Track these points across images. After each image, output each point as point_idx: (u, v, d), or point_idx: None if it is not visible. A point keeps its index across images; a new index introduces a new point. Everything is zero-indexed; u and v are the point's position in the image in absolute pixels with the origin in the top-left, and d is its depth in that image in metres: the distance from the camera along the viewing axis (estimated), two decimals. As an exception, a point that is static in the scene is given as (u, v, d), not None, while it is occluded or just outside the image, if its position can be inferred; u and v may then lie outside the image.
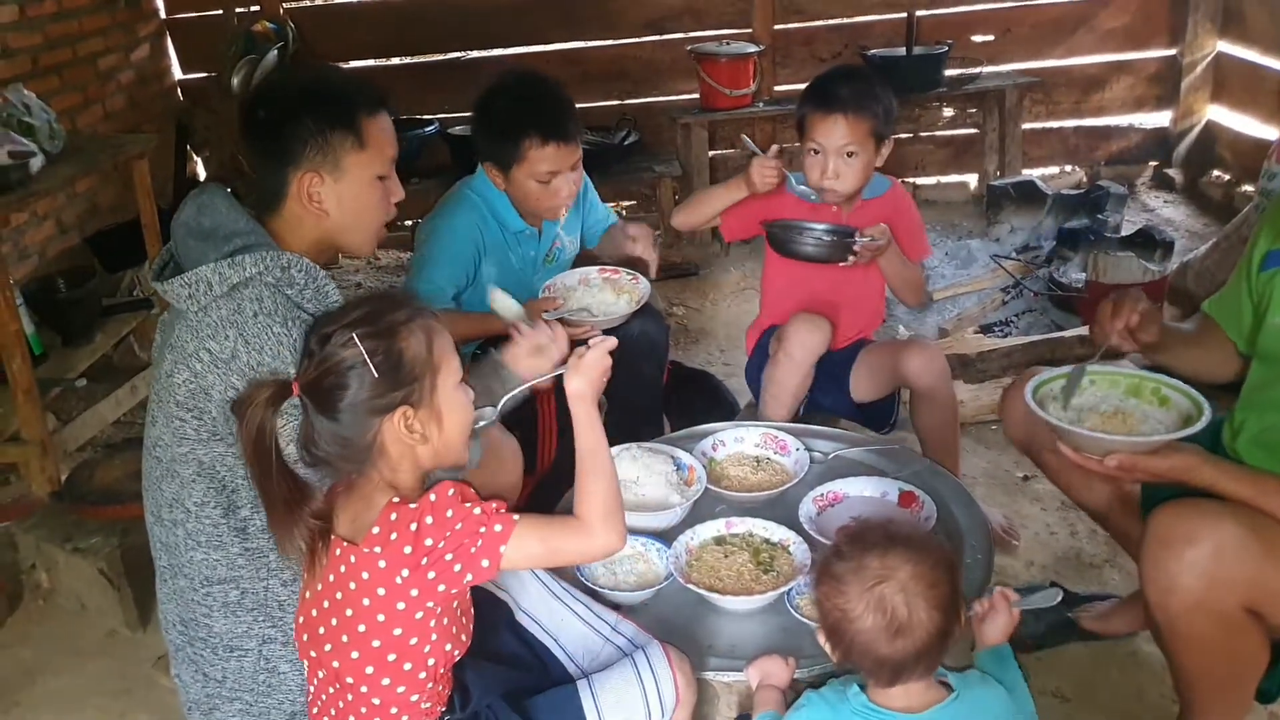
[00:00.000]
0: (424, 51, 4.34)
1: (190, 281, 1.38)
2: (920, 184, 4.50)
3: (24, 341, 2.41)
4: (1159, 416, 1.52)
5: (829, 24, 4.25)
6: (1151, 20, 4.26)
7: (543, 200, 2.15)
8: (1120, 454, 1.42)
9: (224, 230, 1.42)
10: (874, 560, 1.21)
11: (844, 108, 2.06)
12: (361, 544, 1.21)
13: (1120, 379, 1.57)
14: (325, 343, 1.22)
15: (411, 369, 1.23)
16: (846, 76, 2.15)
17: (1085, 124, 4.44)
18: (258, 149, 1.52)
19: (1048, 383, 1.59)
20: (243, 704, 1.45)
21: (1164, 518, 1.40)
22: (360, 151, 1.50)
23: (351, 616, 1.22)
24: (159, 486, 1.44)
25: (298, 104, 1.50)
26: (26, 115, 2.55)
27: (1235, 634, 1.38)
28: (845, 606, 1.21)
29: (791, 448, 1.94)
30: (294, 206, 1.50)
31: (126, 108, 3.91)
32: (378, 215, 1.57)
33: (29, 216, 3.29)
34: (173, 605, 1.48)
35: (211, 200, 1.46)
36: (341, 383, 1.20)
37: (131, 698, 2.02)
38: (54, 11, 3.49)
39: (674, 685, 1.35)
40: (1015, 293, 3.35)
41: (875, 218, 2.19)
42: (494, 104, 2.14)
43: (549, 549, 1.24)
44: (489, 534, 1.19)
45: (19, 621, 2.26)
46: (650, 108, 4.26)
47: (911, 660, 1.20)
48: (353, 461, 1.24)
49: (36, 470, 2.43)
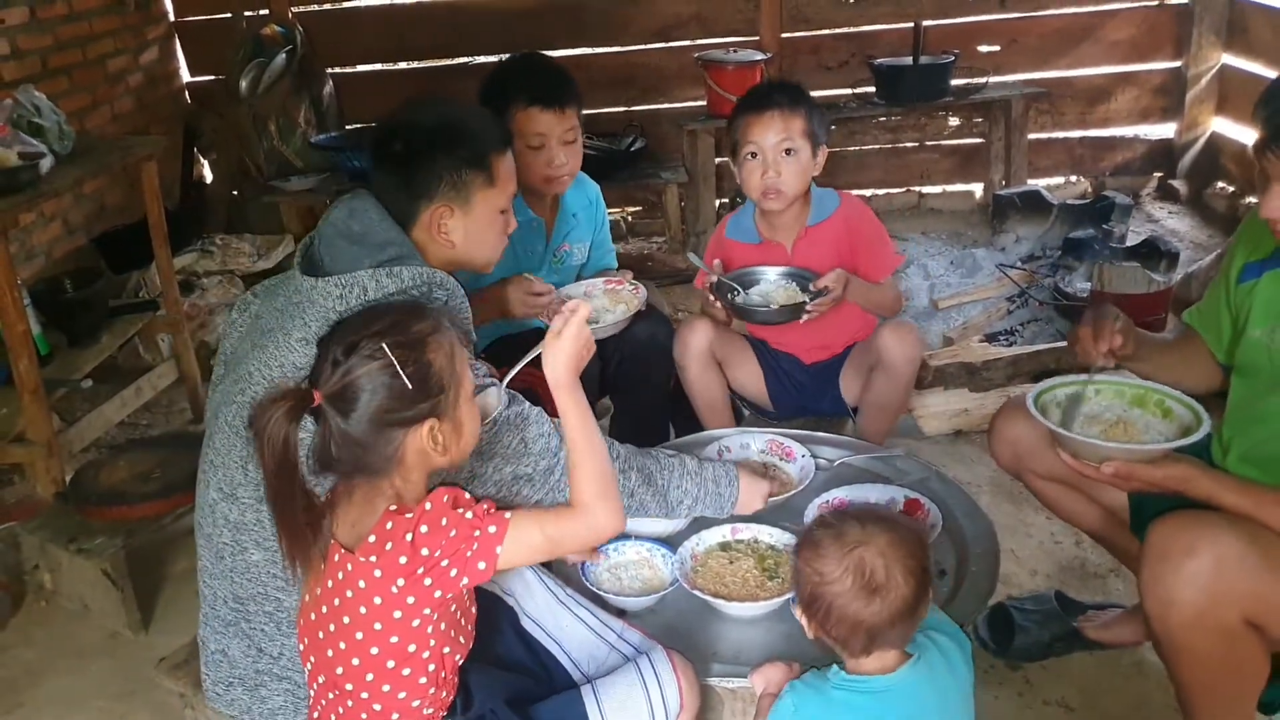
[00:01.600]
0: (431, 56, 4.36)
1: (346, 283, 1.41)
2: (926, 192, 4.51)
3: (31, 342, 2.41)
4: (1161, 428, 1.52)
5: (835, 33, 4.26)
6: (1156, 32, 4.27)
7: (535, 169, 2.16)
8: (1117, 461, 1.43)
9: (376, 238, 1.47)
10: (853, 527, 1.26)
11: (777, 105, 2.09)
12: (358, 553, 1.20)
13: (1126, 389, 1.58)
14: (352, 352, 1.19)
15: (438, 381, 1.22)
16: (776, 84, 2.23)
17: (1090, 135, 4.45)
18: (390, 180, 1.56)
19: (1050, 391, 1.59)
20: (291, 684, 1.46)
21: (1163, 530, 1.39)
22: (490, 189, 1.60)
23: (349, 624, 1.21)
24: (244, 466, 1.43)
25: (436, 141, 1.57)
26: (36, 116, 2.56)
27: (1236, 647, 1.37)
28: (824, 569, 1.24)
29: (797, 454, 1.93)
30: (421, 235, 1.57)
31: (135, 110, 3.93)
32: (497, 245, 1.67)
33: (36, 217, 3.30)
34: (226, 582, 1.47)
35: (363, 206, 1.52)
36: (370, 393, 1.18)
37: (134, 699, 2.02)
38: (64, 14, 3.51)
39: (678, 690, 1.35)
40: (1020, 302, 3.35)
41: (826, 244, 2.19)
42: (494, 74, 2.22)
43: (548, 538, 1.23)
44: (484, 536, 1.19)
45: (22, 622, 2.26)
46: (657, 114, 4.28)
47: (886, 624, 1.23)
48: (367, 470, 1.22)
49: (42, 471, 2.43)
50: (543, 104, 2.11)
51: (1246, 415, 1.56)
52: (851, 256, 2.21)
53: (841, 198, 2.25)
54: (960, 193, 4.48)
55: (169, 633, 2.14)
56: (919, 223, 4.32)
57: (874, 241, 2.23)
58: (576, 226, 2.34)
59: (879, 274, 2.21)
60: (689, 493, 1.64)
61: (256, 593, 1.45)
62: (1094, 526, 1.81)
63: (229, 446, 1.46)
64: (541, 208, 2.26)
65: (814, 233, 2.21)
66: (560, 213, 2.30)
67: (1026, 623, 1.91)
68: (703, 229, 4.11)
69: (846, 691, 1.26)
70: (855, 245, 2.21)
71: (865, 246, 2.22)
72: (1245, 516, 1.39)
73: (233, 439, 1.46)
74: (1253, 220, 1.59)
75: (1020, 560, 2.21)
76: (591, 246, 2.39)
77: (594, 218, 2.39)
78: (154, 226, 2.88)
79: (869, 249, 2.22)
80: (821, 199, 2.23)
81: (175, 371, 3.10)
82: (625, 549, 1.70)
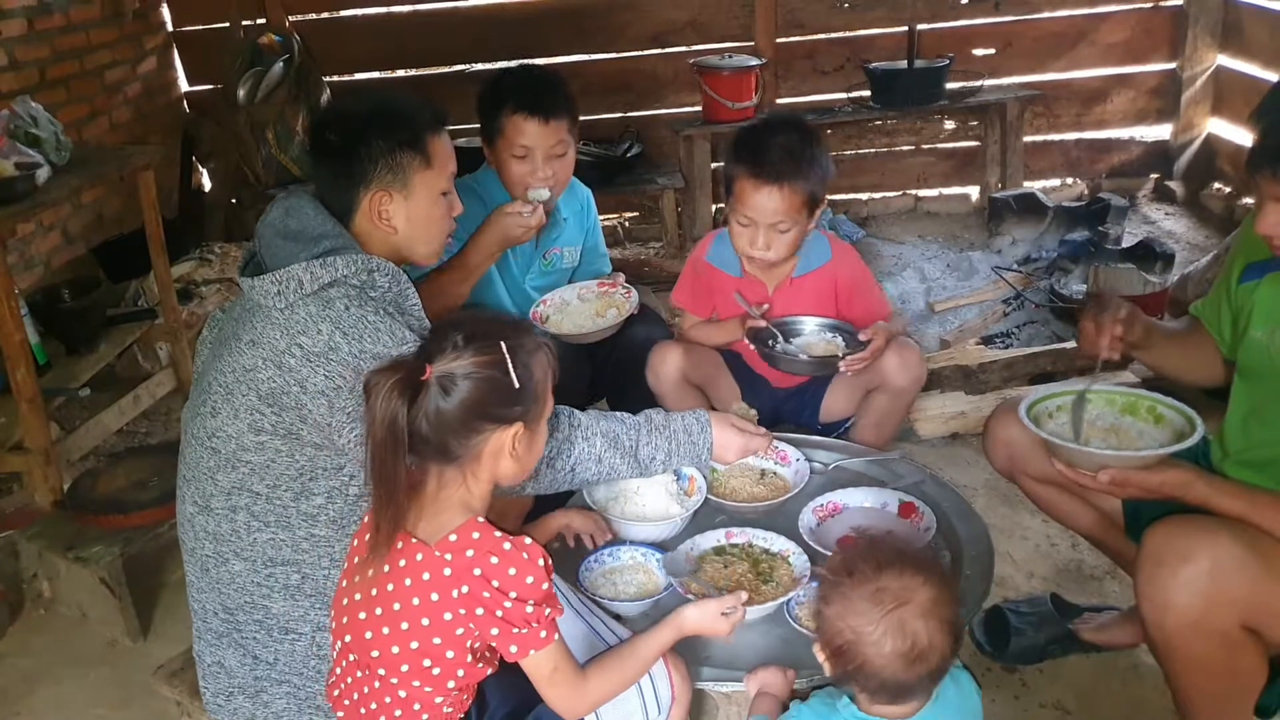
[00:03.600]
0: (428, 64, 4.37)
1: (281, 279, 1.41)
2: (922, 195, 4.52)
3: (28, 351, 2.42)
4: (1153, 434, 1.53)
5: (830, 37, 4.27)
6: (1151, 34, 4.28)
7: (519, 179, 2.17)
8: (1112, 469, 1.43)
9: (312, 232, 1.48)
10: (892, 582, 1.17)
11: (779, 178, 1.92)
12: (434, 545, 1.22)
13: (1117, 397, 1.58)
14: (471, 341, 1.24)
15: (535, 391, 1.28)
16: (780, 136, 1.97)
17: (1086, 137, 4.46)
18: (327, 170, 1.58)
19: (1042, 401, 1.59)
20: (291, 687, 1.47)
21: (1159, 535, 1.39)
22: (427, 170, 1.57)
23: (399, 611, 1.23)
24: (213, 477, 1.44)
25: (367, 125, 1.55)
26: (33, 127, 2.57)
27: (1233, 652, 1.37)
28: (862, 630, 1.16)
29: (792, 458, 1.94)
30: (363, 223, 1.57)
31: (133, 119, 3.94)
32: (442, 228, 1.65)
33: (35, 226, 3.31)
34: (214, 595, 1.48)
35: (299, 204, 1.52)
36: (477, 382, 1.23)
37: (132, 707, 2.02)
38: (62, 24, 3.52)
39: (669, 683, 1.37)
40: (1017, 304, 3.36)
41: (809, 295, 2.12)
42: (491, 81, 2.23)
43: (545, 676, 1.25)
44: (533, 634, 1.22)
45: (20, 630, 2.27)
46: (653, 120, 4.29)
47: (924, 683, 1.19)
48: (446, 456, 1.25)
49: (40, 479, 2.43)
50: (529, 112, 2.12)
51: (1247, 417, 1.56)
52: (834, 305, 2.16)
53: (833, 250, 2.15)
54: (956, 195, 4.49)
55: (167, 640, 2.15)
56: (915, 226, 4.33)
57: (864, 292, 2.17)
58: (566, 230, 2.35)
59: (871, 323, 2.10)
60: (660, 448, 1.65)
61: (244, 602, 1.46)
62: (1089, 529, 1.81)
63: (198, 459, 1.47)
64: None
65: (798, 283, 2.13)
66: (551, 217, 2.30)
67: (1022, 625, 1.91)
68: (699, 234, 4.12)
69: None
70: (845, 297, 2.15)
71: (857, 300, 2.16)
72: (1241, 520, 1.39)
73: (199, 451, 1.47)
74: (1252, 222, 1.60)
75: (1016, 563, 2.21)
76: (583, 250, 2.40)
77: (584, 221, 2.39)
78: (151, 235, 2.89)
79: (861, 302, 2.16)
80: (811, 249, 2.12)
81: (173, 380, 3.11)
82: (621, 555, 1.70)
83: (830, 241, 2.20)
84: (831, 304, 2.17)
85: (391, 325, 1.41)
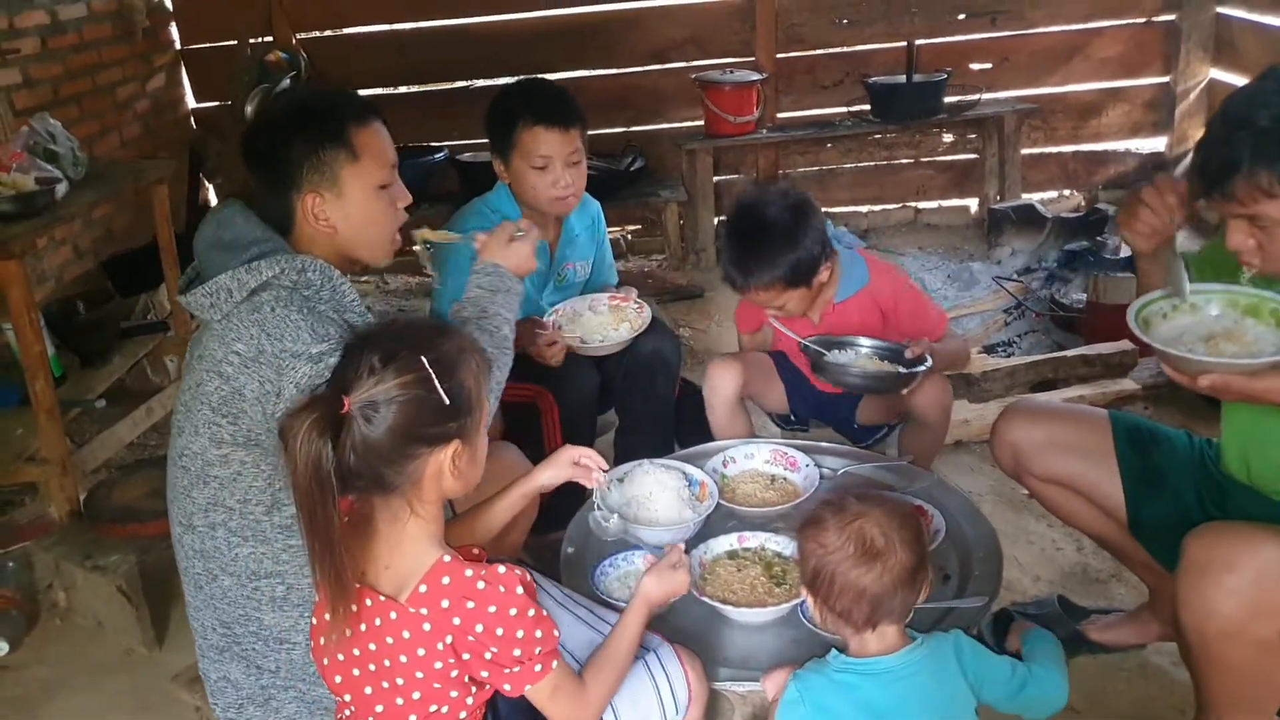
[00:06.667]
0: (433, 80, 4.43)
1: (211, 291, 1.42)
2: (922, 208, 4.57)
3: (47, 363, 2.45)
4: (1270, 338, 1.41)
5: (830, 53, 4.33)
6: (1145, 49, 4.35)
7: (540, 190, 2.18)
8: (1214, 374, 1.34)
9: (242, 240, 1.46)
10: (851, 503, 1.34)
11: (751, 279, 1.99)
12: (406, 602, 1.16)
13: (1239, 299, 1.47)
14: (390, 361, 1.15)
15: (467, 402, 1.20)
16: (750, 238, 1.98)
17: (1083, 149, 4.52)
18: (259, 178, 1.54)
19: (1155, 302, 1.49)
20: (297, 692, 1.48)
21: (1202, 542, 1.39)
22: (355, 164, 1.51)
23: (390, 668, 1.19)
24: (189, 495, 1.47)
25: (287, 128, 1.52)
26: (51, 143, 2.61)
27: (1269, 659, 1.38)
28: (826, 541, 1.31)
29: (801, 464, 1.97)
30: (304, 228, 1.53)
31: (142, 136, 3.99)
32: (386, 224, 1.58)
33: (47, 241, 3.34)
34: (210, 611, 1.50)
35: (230, 215, 1.50)
36: (403, 406, 1.14)
37: (149, 715, 2.04)
38: (75, 43, 3.57)
39: (686, 683, 1.38)
40: (1017, 313, 3.40)
41: (853, 320, 2.13)
42: (501, 96, 2.25)
43: (549, 700, 1.22)
44: (527, 668, 1.19)
45: (36, 640, 2.28)
46: (656, 135, 4.34)
47: (888, 592, 1.28)
48: (383, 487, 1.18)
49: (56, 489, 2.45)
50: (548, 123, 2.13)
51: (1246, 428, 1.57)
52: (881, 325, 2.15)
53: (870, 272, 2.14)
54: (955, 208, 4.54)
55: (183, 649, 2.15)
56: (915, 238, 4.38)
57: (915, 309, 2.16)
58: (579, 245, 2.38)
59: (926, 336, 2.09)
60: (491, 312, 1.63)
61: (239, 615, 1.47)
62: (1093, 528, 1.83)
63: (175, 478, 1.49)
64: (545, 229, 2.30)
65: (841, 308, 2.14)
66: (564, 233, 2.34)
67: (1030, 627, 1.94)
68: (702, 246, 4.17)
69: (849, 673, 1.30)
70: (892, 318, 2.14)
71: (905, 318, 2.14)
72: None
73: (175, 470, 1.49)
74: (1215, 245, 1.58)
75: (1023, 567, 2.24)
76: (594, 263, 2.43)
77: (595, 235, 2.43)
78: (164, 249, 2.92)
79: (910, 319, 2.14)
80: (850, 271, 2.13)
81: (184, 393, 3.13)
82: (635, 559, 1.73)
83: (869, 263, 2.17)
84: (878, 325, 2.14)
85: (314, 323, 1.38)
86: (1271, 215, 1.31)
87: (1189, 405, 2.68)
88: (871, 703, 1.30)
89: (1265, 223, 1.33)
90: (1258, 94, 1.32)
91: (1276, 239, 1.33)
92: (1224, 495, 1.62)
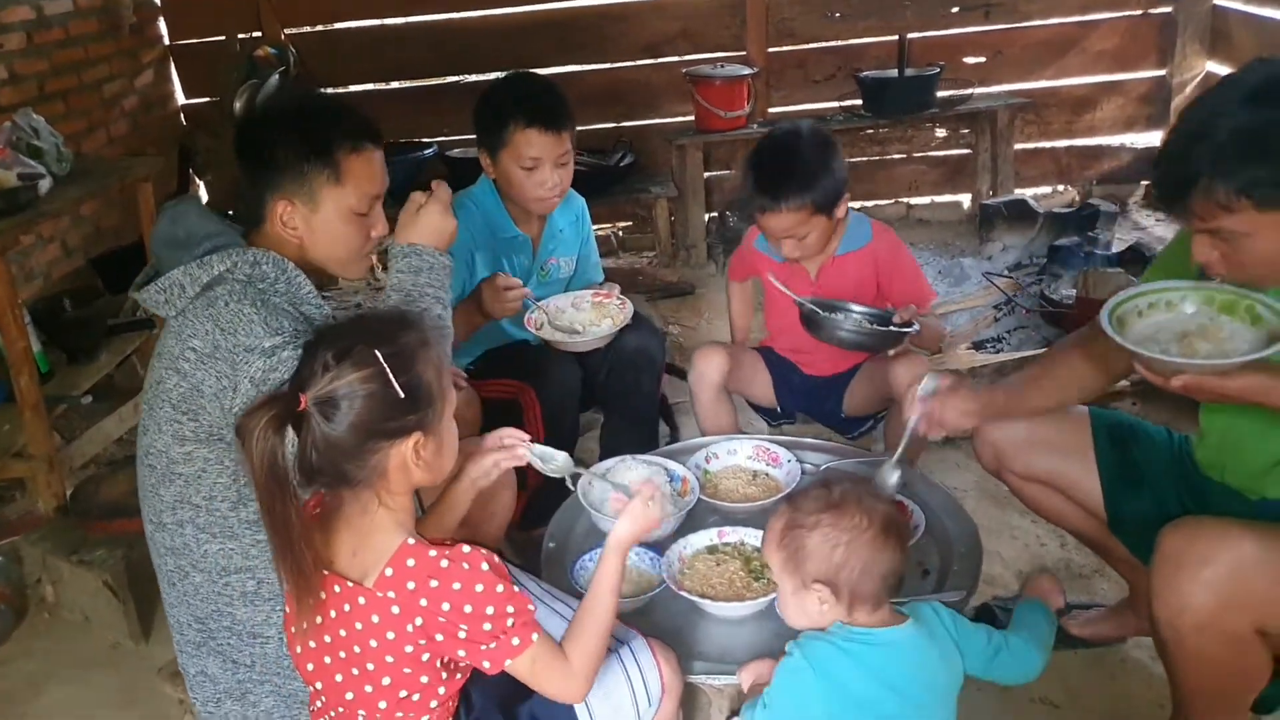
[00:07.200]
0: (423, 75, 4.41)
1: (164, 287, 1.42)
2: (914, 203, 4.56)
3: (32, 359, 2.45)
4: (1245, 335, 1.39)
5: (822, 46, 4.33)
6: (1140, 41, 4.34)
7: (526, 189, 2.18)
8: (1186, 375, 1.33)
9: (196, 236, 1.46)
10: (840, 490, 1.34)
11: (782, 200, 2.02)
12: (374, 587, 1.17)
13: (1215, 295, 1.45)
14: (344, 357, 1.16)
15: (427, 394, 1.21)
16: (781, 160, 2.07)
17: (1077, 144, 4.51)
18: (244, 168, 1.54)
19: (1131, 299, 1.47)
20: (273, 686, 1.49)
21: (1176, 536, 1.39)
22: (336, 187, 1.50)
23: (360, 654, 1.20)
24: (156, 493, 1.48)
25: (281, 131, 1.51)
26: (35, 139, 2.61)
27: (1243, 653, 1.38)
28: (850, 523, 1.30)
29: (783, 460, 1.98)
30: (273, 228, 1.53)
31: (130, 132, 3.98)
32: (351, 247, 1.57)
33: (35, 239, 3.34)
34: (184, 608, 1.51)
35: (184, 210, 1.51)
36: (359, 401, 1.16)
37: (135, 708, 2.05)
38: (60, 38, 3.56)
39: (659, 676, 1.38)
40: (1007, 309, 3.40)
41: (851, 274, 2.18)
42: (491, 92, 2.22)
43: (532, 674, 1.22)
44: (504, 643, 1.18)
45: (24, 634, 2.29)
46: (646, 130, 4.33)
47: (902, 564, 1.32)
48: (348, 481, 1.20)
49: (43, 485, 2.46)
50: (541, 126, 2.12)
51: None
52: (875, 287, 2.20)
53: (874, 231, 2.22)
54: (948, 203, 4.54)
55: (168, 643, 2.09)
56: (907, 234, 4.36)
57: (907, 273, 2.22)
58: (562, 241, 2.38)
59: (917, 302, 2.15)
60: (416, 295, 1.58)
61: (212, 610, 1.48)
62: (1075, 524, 1.84)
63: (143, 477, 1.50)
64: (528, 224, 2.30)
65: (840, 262, 2.20)
66: (547, 228, 2.34)
67: (1010, 621, 1.94)
68: (692, 243, 4.17)
69: (858, 643, 1.30)
70: (886, 279, 2.19)
71: (899, 280, 2.20)
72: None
73: (142, 469, 1.50)
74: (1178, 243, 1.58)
75: (1006, 562, 2.24)
76: (578, 260, 2.43)
77: (579, 232, 2.43)
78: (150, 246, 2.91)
79: (902, 282, 2.20)
80: (854, 228, 2.20)
81: (172, 388, 3.13)
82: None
83: (873, 225, 2.24)
84: (873, 284, 2.20)
85: (268, 316, 1.38)
86: (1232, 229, 1.29)
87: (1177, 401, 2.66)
88: (883, 672, 1.29)
89: (1227, 236, 1.31)
90: (1215, 105, 1.29)
91: (1241, 251, 1.31)
92: (1203, 493, 1.62)
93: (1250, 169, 1.24)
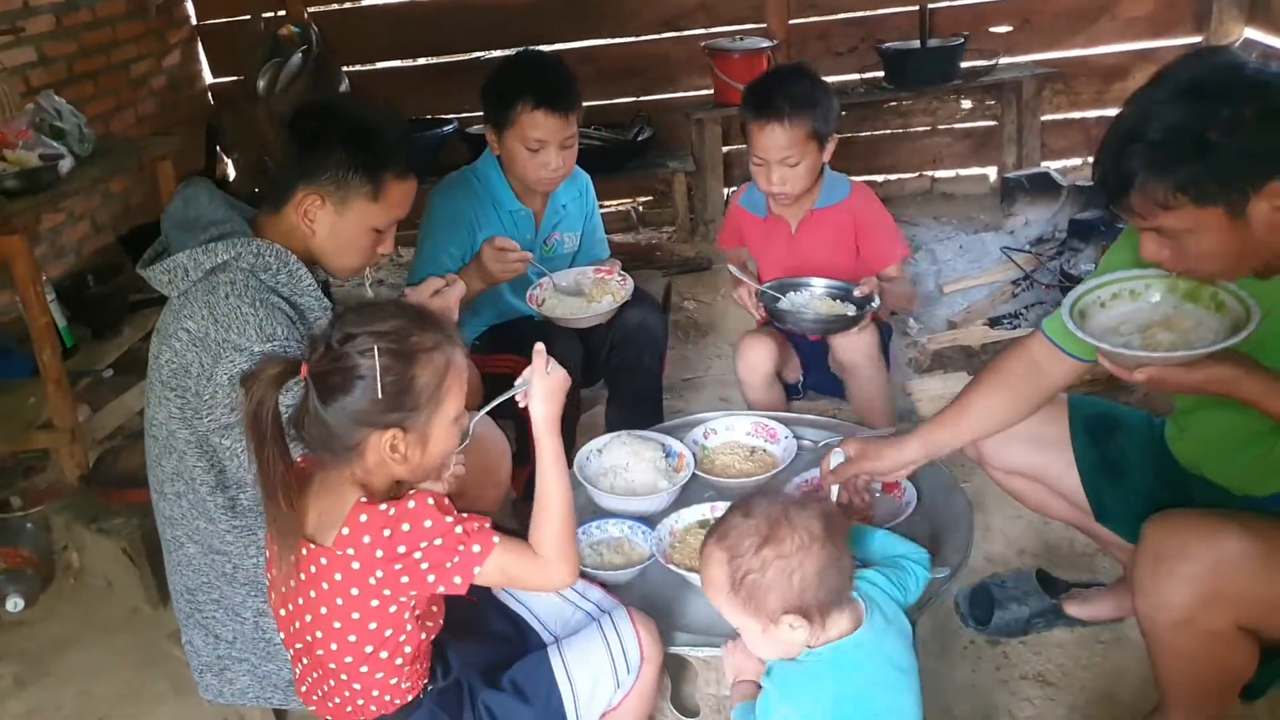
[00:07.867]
0: (444, 52, 4.43)
1: (169, 268, 1.47)
2: (939, 177, 4.49)
3: (54, 334, 2.53)
4: (1211, 323, 1.37)
5: (844, 18, 4.25)
6: (1176, 7, 4.20)
7: (529, 170, 2.20)
8: (1149, 368, 1.30)
9: (205, 219, 1.50)
10: (764, 523, 1.25)
11: (779, 115, 2.08)
12: (333, 546, 1.23)
13: (1179, 284, 1.41)
14: (347, 341, 1.22)
15: (416, 398, 1.24)
16: (781, 81, 2.16)
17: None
18: (290, 149, 1.58)
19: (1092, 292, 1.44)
20: (249, 665, 1.55)
21: (1159, 530, 1.38)
22: (371, 204, 1.57)
23: (327, 614, 1.25)
24: (159, 463, 1.53)
25: (340, 134, 1.56)
26: (57, 120, 2.68)
27: (1225, 649, 1.37)
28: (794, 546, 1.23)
29: (781, 436, 1.98)
30: (290, 214, 1.57)
31: (158, 112, 4.06)
32: (359, 257, 1.63)
33: (65, 217, 3.44)
34: (179, 576, 1.57)
35: (195, 193, 1.55)
36: (346, 386, 1.22)
37: (151, 669, 2.13)
38: (89, 20, 3.63)
39: (638, 644, 1.40)
40: (1025, 285, 3.34)
41: (829, 228, 2.23)
42: (499, 70, 2.23)
43: (508, 578, 1.28)
44: (466, 553, 1.22)
45: (51, 599, 2.39)
46: (664, 104, 4.30)
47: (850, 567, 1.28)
48: (331, 453, 1.26)
49: (66, 456, 2.55)
50: (549, 108, 2.12)
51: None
52: (854, 245, 2.24)
53: (852, 187, 2.27)
54: (974, 176, 4.45)
55: None
56: (931, 208, 4.31)
57: (882, 230, 2.27)
58: (566, 216, 2.39)
59: (884, 263, 2.25)
60: None
61: (202, 583, 1.53)
62: (1061, 514, 1.81)
63: (148, 448, 1.56)
64: (531, 199, 2.31)
65: (819, 215, 2.25)
66: (550, 204, 2.35)
67: (1007, 599, 1.93)
68: (711, 218, 4.15)
69: (821, 660, 1.27)
70: (861, 234, 2.24)
71: (873, 235, 2.25)
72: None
73: (147, 439, 1.56)
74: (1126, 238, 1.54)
75: (1009, 540, 2.23)
76: (582, 235, 2.44)
77: (584, 207, 2.43)
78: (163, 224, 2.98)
79: (876, 238, 2.25)
80: (832, 184, 2.25)
81: (195, 363, 3.21)
82: (607, 527, 1.76)
83: (850, 182, 2.29)
84: (850, 240, 2.25)
85: (262, 319, 1.41)
86: (1174, 227, 1.27)
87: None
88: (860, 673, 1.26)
89: (1170, 234, 1.29)
90: (1148, 102, 1.27)
91: (1186, 247, 1.29)
92: (1184, 484, 1.60)
93: (1186, 166, 1.22)
